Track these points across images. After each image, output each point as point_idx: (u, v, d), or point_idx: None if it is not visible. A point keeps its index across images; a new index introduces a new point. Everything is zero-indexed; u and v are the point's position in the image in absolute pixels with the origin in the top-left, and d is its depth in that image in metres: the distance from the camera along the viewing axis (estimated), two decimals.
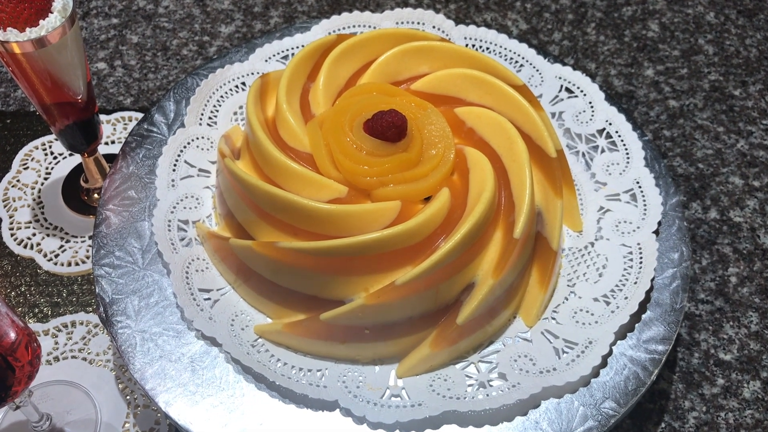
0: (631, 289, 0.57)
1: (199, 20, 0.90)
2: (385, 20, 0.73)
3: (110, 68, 0.85)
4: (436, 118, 0.58)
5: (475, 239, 0.54)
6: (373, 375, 0.55)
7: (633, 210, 0.63)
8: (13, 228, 0.72)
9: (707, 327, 0.68)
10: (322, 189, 0.56)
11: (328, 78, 0.63)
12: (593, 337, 0.55)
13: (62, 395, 0.61)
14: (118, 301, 0.58)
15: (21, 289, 0.68)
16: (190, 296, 0.58)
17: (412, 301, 0.53)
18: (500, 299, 0.56)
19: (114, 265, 0.60)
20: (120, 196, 0.64)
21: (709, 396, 0.64)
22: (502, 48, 0.72)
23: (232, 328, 0.57)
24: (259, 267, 0.56)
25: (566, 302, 0.59)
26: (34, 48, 0.56)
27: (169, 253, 0.59)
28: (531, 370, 0.54)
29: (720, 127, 0.82)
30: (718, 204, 0.76)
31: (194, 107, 0.68)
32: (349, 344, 0.55)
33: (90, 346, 0.64)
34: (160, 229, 0.60)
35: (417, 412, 0.52)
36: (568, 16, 0.93)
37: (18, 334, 0.49)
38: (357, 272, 0.54)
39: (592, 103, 0.69)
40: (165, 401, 0.54)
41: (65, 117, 0.64)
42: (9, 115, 0.80)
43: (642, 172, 0.65)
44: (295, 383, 0.54)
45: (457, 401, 0.53)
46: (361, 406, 0.53)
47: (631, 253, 0.60)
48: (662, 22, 0.92)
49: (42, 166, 0.76)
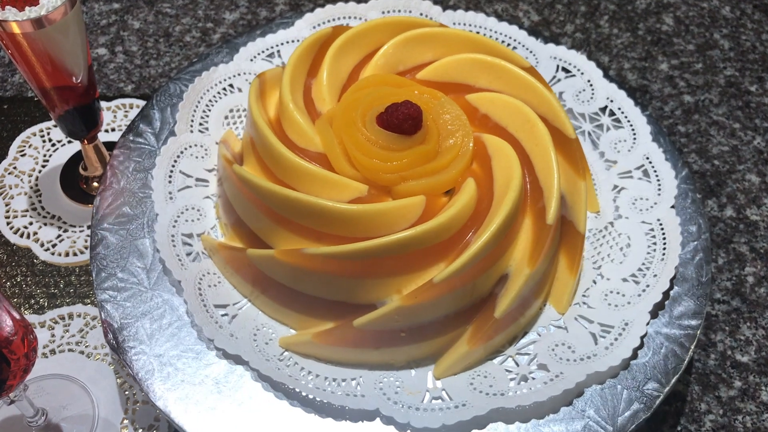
0: (659, 266, 0.56)
1: (203, 6, 0.88)
2: (371, 10, 0.71)
3: (111, 54, 0.83)
4: (451, 106, 0.56)
5: (509, 229, 0.53)
6: (410, 379, 0.53)
7: (647, 186, 0.62)
8: (10, 216, 0.69)
9: (724, 328, 0.66)
10: (341, 189, 0.53)
11: (331, 72, 0.61)
12: (628, 318, 0.54)
13: (58, 389, 0.59)
14: (128, 325, 0.55)
15: (17, 279, 0.66)
16: (207, 314, 0.54)
17: (448, 298, 0.51)
18: (533, 288, 0.54)
19: (118, 288, 0.56)
20: (114, 214, 0.60)
21: (725, 399, 0.62)
22: (492, 31, 0.71)
23: (255, 344, 0.53)
24: (280, 276, 0.53)
25: (595, 285, 0.57)
26: (33, 28, 0.54)
27: (178, 269, 0.56)
28: (571, 357, 0.52)
29: (736, 124, 0.80)
30: (734, 202, 0.74)
31: (183, 114, 0.64)
32: (383, 349, 0.52)
33: (87, 339, 0.62)
34: (164, 245, 0.57)
35: (463, 413, 0.50)
36: (580, 8, 0.91)
37: (14, 325, 0.47)
38: (388, 273, 0.51)
39: (591, 81, 0.68)
40: (194, 428, 0.50)
41: (65, 102, 0.62)
42: (6, 100, 0.78)
43: (650, 147, 0.64)
44: (332, 395, 0.51)
45: (503, 398, 0.51)
46: (404, 412, 0.50)
47: (653, 230, 0.59)
48: (677, 16, 0.90)
49: (40, 153, 0.74)
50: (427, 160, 0.55)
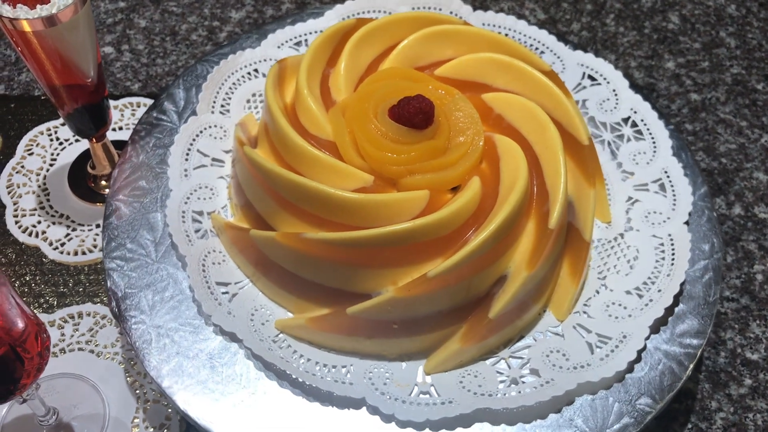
0: (664, 282, 0.56)
1: (209, 5, 0.88)
2: (401, 5, 0.71)
3: (117, 53, 0.83)
4: (464, 104, 0.56)
5: (509, 230, 0.52)
6: (401, 371, 0.53)
7: (662, 200, 0.61)
8: (18, 215, 0.69)
9: (733, 325, 0.66)
10: (347, 178, 0.54)
11: (349, 63, 0.61)
12: (627, 331, 0.53)
13: (69, 389, 0.59)
14: (132, 295, 0.56)
15: (26, 278, 0.66)
16: (208, 290, 0.55)
17: (443, 294, 0.51)
18: (532, 293, 0.54)
19: (126, 258, 0.58)
20: (130, 187, 0.62)
21: (736, 396, 0.62)
22: (521, 34, 0.70)
23: (252, 323, 0.54)
24: (281, 259, 0.54)
25: (597, 295, 0.57)
26: (44, 26, 0.54)
27: (185, 245, 0.57)
28: (564, 365, 0.52)
29: (743, 122, 0.80)
30: (742, 200, 0.74)
31: (206, 95, 0.65)
32: (375, 339, 0.53)
33: (97, 338, 0.62)
34: (174, 220, 0.58)
35: (448, 410, 0.50)
36: (586, 6, 0.91)
37: (27, 323, 0.47)
38: (385, 264, 0.51)
39: (616, 90, 0.67)
40: (184, 400, 0.52)
41: (74, 100, 0.62)
42: (13, 99, 0.77)
43: (670, 161, 0.63)
44: (320, 380, 0.52)
45: (490, 398, 0.51)
46: (390, 403, 0.51)
47: (663, 245, 0.58)
48: (683, 14, 0.90)
49: (47, 151, 0.74)
50: (435, 156, 0.55)
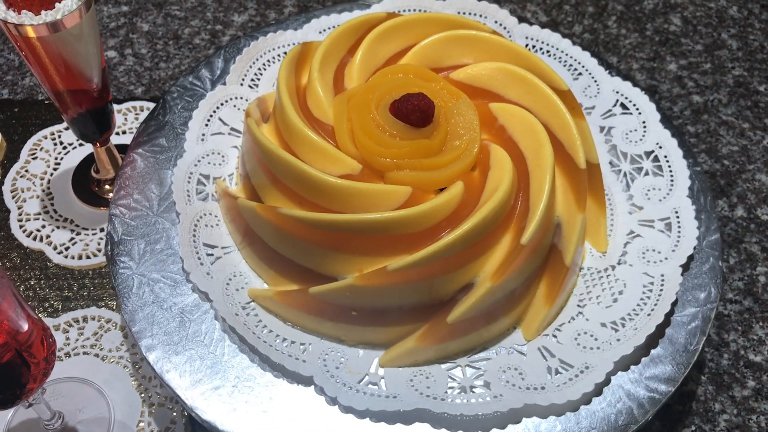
0: (642, 321, 0.54)
1: (212, 8, 0.88)
2: (447, 8, 0.71)
3: (121, 57, 0.83)
4: (466, 109, 0.56)
5: (480, 237, 0.52)
6: (356, 359, 0.54)
7: (665, 240, 0.59)
8: (22, 219, 0.69)
9: (736, 327, 0.66)
10: (335, 163, 0.54)
11: (366, 54, 0.61)
12: (591, 362, 0.52)
13: (74, 392, 0.59)
14: (126, 242, 0.58)
15: (30, 283, 0.66)
16: (194, 248, 0.57)
17: (403, 289, 0.52)
18: (499, 305, 0.53)
19: (130, 207, 0.60)
20: (151, 142, 0.64)
21: (739, 398, 0.62)
22: (562, 53, 0.69)
23: (227, 287, 0.56)
24: (261, 231, 0.55)
25: (572, 322, 0.56)
26: (49, 32, 0.54)
27: (183, 203, 0.59)
28: (518, 383, 0.52)
29: (745, 124, 0.81)
30: (744, 202, 0.74)
31: (238, 67, 0.67)
32: (336, 323, 0.54)
33: (102, 342, 0.62)
34: (179, 179, 0.60)
35: (389, 404, 0.51)
36: (588, 9, 0.91)
37: (33, 328, 0.47)
38: (353, 251, 0.52)
39: (646, 123, 0.65)
40: (147, 346, 0.54)
41: (78, 105, 0.62)
42: (17, 103, 0.78)
43: (683, 202, 0.60)
44: (274, 351, 0.53)
45: (433, 401, 0.51)
46: (336, 387, 0.51)
47: (652, 284, 0.56)
48: (684, 16, 0.91)
49: (51, 156, 0.74)
50: (427, 155, 0.55)
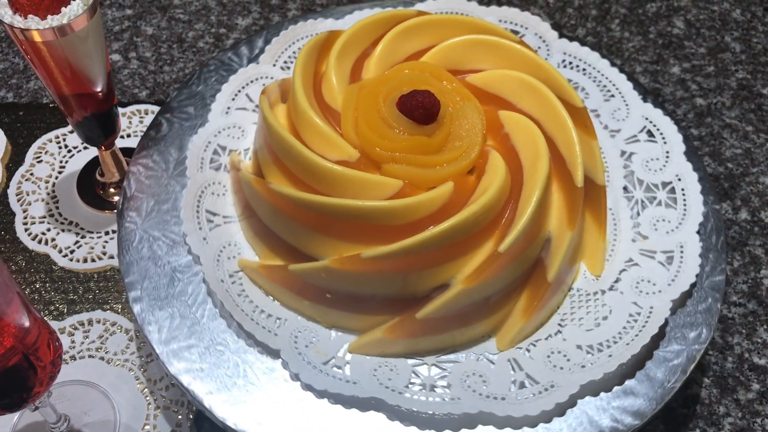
0: (619, 349, 0.53)
1: (216, 12, 0.88)
2: (489, 15, 0.71)
3: (125, 60, 0.83)
4: (473, 113, 0.57)
5: (461, 238, 0.52)
6: (327, 341, 0.55)
7: (662, 272, 0.57)
8: (27, 223, 0.70)
9: (740, 330, 0.66)
10: (335, 148, 0.55)
11: (386, 48, 0.62)
12: (558, 382, 0.52)
13: (79, 395, 0.60)
14: (136, 198, 0.61)
15: (35, 286, 0.66)
16: (195, 213, 0.59)
17: (376, 279, 0.52)
18: (474, 310, 0.53)
19: (147, 167, 0.63)
20: (180, 109, 0.67)
21: (744, 401, 0.62)
22: (598, 72, 0.68)
23: (219, 254, 0.58)
24: (256, 205, 0.57)
25: (548, 339, 0.55)
26: (55, 36, 0.54)
27: (194, 169, 0.61)
28: (479, 390, 0.52)
29: (749, 126, 0.81)
30: (748, 204, 0.74)
31: (273, 48, 0.68)
32: (312, 303, 0.55)
33: (107, 345, 0.62)
34: (197, 146, 0.62)
35: (348, 388, 0.52)
36: (591, 12, 0.91)
37: (40, 332, 0.47)
38: (335, 235, 0.53)
39: (669, 153, 0.63)
40: (134, 297, 0.56)
41: (83, 108, 0.62)
42: (22, 107, 0.78)
43: (691, 237, 0.59)
44: (249, 321, 0.54)
45: (391, 392, 0.52)
46: (301, 364, 0.53)
47: (639, 314, 0.55)
48: (687, 19, 0.91)
49: (56, 159, 0.74)
50: (425, 153, 0.55)
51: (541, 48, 0.70)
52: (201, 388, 0.53)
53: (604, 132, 0.66)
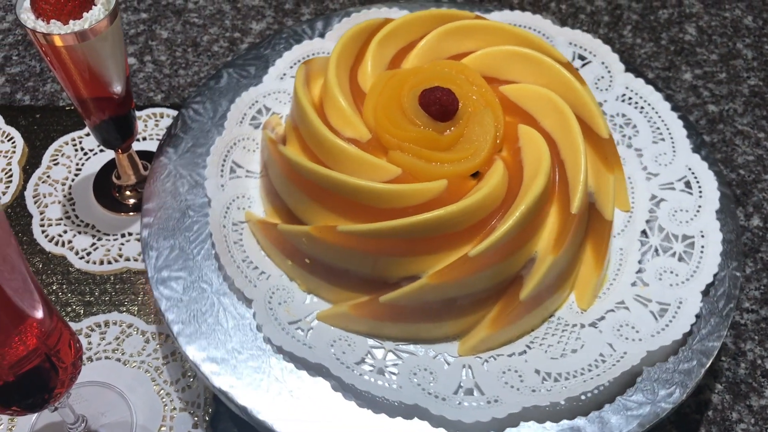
0: (575, 384, 0.53)
1: (230, 16, 0.89)
2: (560, 35, 0.70)
3: (140, 63, 0.84)
4: (489, 120, 0.57)
5: (434, 233, 0.53)
6: (301, 305, 0.57)
7: (650, 322, 0.56)
8: (44, 225, 0.70)
9: (753, 337, 0.66)
10: (350, 126, 0.57)
11: (429, 44, 0.63)
12: (502, 398, 0.52)
13: (96, 396, 0.60)
14: (177, 137, 0.65)
15: (52, 288, 0.66)
16: (221, 161, 0.62)
17: (349, 255, 0.54)
18: (441, 308, 0.54)
19: (198, 112, 0.67)
20: (243, 66, 0.70)
21: (757, 408, 0.62)
22: (653, 110, 0.67)
23: (231, 203, 0.61)
24: (268, 164, 0.61)
25: (510, 357, 0.55)
26: (76, 41, 0.55)
27: (234, 122, 0.65)
28: (424, 385, 0.53)
29: (761, 133, 0.81)
30: (760, 211, 0.75)
31: (342, 26, 0.70)
32: (294, 266, 0.57)
33: (124, 347, 0.63)
34: (243, 102, 0.66)
35: (301, 350, 0.54)
36: (603, 18, 0.91)
37: (62, 333, 0.48)
38: (324, 205, 0.56)
39: (701, 209, 0.61)
40: (146, 222, 0.60)
41: (101, 111, 0.63)
42: (38, 109, 0.79)
43: (693, 296, 0.56)
44: (234, 266, 0.57)
45: (339, 364, 0.53)
46: (266, 318, 0.55)
47: (610, 356, 0.54)
48: (699, 26, 0.91)
49: (72, 162, 0.75)
50: (431, 148, 0.56)
51: (603, 78, 0.69)
52: (174, 317, 0.56)
53: (641, 173, 0.64)
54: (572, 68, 0.62)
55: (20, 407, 0.48)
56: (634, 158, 0.65)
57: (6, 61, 0.83)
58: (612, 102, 0.68)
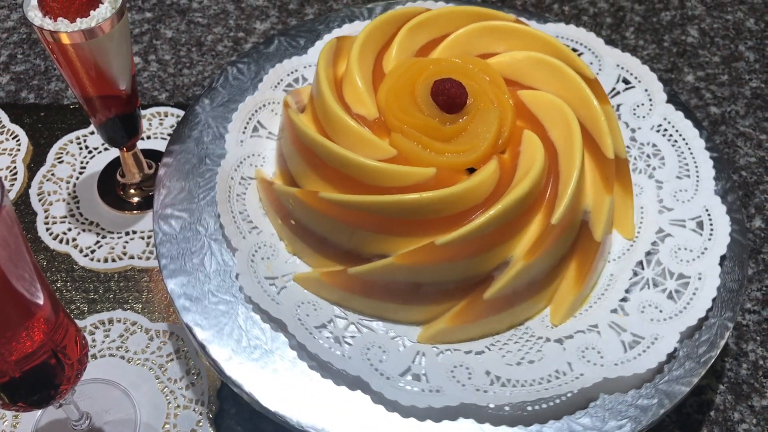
0: (516, 392, 0.52)
1: (234, 16, 0.89)
2: (608, 55, 0.69)
3: (144, 63, 0.84)
4: (493, 119, 0.57)
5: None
6: (283, 263, 0.59)
7: (617, 350, 0.54)
8: (49, 222, 0.70)
9: (755, 337, 0.67)
10: (360, 102, 0.59)
11: (457, 38, 0.63)
12: (445, 389, 0.52)
13: (101, 394, 0.60)
14: (217, 90, 0.68)
15: (57, 285, 0.67)
16: (246, 119, 0.65)
17: (326, 221, 0.56)
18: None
19: (241, 71, 0.70)
20: (294, 37, 0.73)
21: (759, 408, 0.63)
22: (688, 150, 0.64)
23: (245, 159, 0.63)
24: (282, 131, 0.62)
25: (467, 354, 0.55)
26: (83, 39, 0.55)
27: (269, 85, 0.67)
28: (372, 359, 0.53)
29: (762, 135, 0.81)
30: (762, 212, 0.75)
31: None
32: (283, 226, 0.59)
33: (128, 344, 0.63)
34: (284, 68, 0.68)
35: (270, 305, 0.55)
36: (606, 20, 0.91)
37: (68, 329, 0.48)
38: (327, 177, 0.57)
39: (706, 251, 0.59)
40: (165, 162, 0.63)
41: (107, 110, 0.63)
42: (43, 108, 0.79)
43: (670, 335, 0.54)
44: (229, 216, 0.59)
45: (300, 326, 0.54)
46: (246, 269, 0.56)
47: (564, 374, 0.53)
48: (702, 28, 0.91)
49: (77, 160, 0.75)
50: (431, 136, 0.56)
51: (644, 105, 0.67)
52: (165, 251, 0.58)
53: (655, 204, 0.62)
54: (597, 84, 0.61)
55: (26, 403, 0.48)
56: (652, 189, 0.63)
57: (11, 59, 0.84)
58: (646, 130, 0.66)
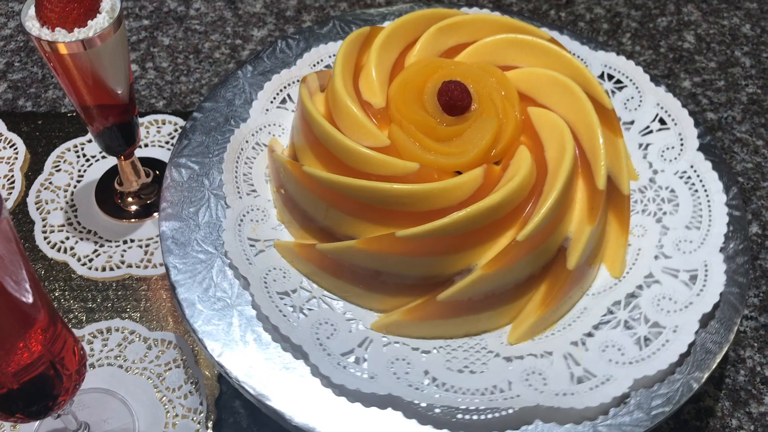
0: (461, 397, 0.52)
1: (231, 23, 0.89)
2: (651, 93, 0.69)
3: (142, 70, 0.84)
4: (490, 127, 0.57)
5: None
6: (267, 230, 0.60)
7: (563, 375, 0.53)
8: (46, 231, 0.70)
9: (752, 344, 0.67)
10: (369, 90, 0.61)
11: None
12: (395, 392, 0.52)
13: (99, 403, 0.60)
14: (261, 60, 0.70)
15: (55, 294, 0.67)
16: (277, 91, 0.67)
17: (309, 198, 0.57)
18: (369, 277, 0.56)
19: (290, 47, 0.71)
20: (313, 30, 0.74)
21: (756, 414, 0.63)
22: (705, 195, 0.62)
23: (253, 134, 0.65)
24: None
25: (431, 353, 0.55)
26: (81, 49, 0.55)
27: (308, 64, 0.69)
28: (321, 338, 0.55)
29: (759, 141, 0.81)
30: (759, 219, 0.75)
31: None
32: (272, 190, 0.62)
33: (126, 354, 0.63)
34: (311, 56, 0.70)
35: (243, 267, 0.57)
36: (603, 26, 0.92)
37: (66, 340, 0.48)
38: (319, 155, 0.59)
39: (702, 292, 0.56)
40: (189, 125, 0.65)
41: (105, 118, 0.63)
42: (41, 116, 0.79)
43: (645, 368, 0.52)
44: (231, 186, 0.61)
45: (262, 290, 0.56)
46: (232, 233, 0.58)
47: (502, 390, 0.52)
48: (698, 34, 0.92)
49: (74, 168, 0.75)
50: (426, 134, 0.57)
51: (674, 148, 0.65)
52: (168, 196, 0.61)
53: (653, 249, 0.60)
54: (612, 115, 0.61)
55: (24, 415, 0.48)
56: (656, 233, 0.60)
57: (8, 67, 0.84)
58: (669, 174, 0.63)
